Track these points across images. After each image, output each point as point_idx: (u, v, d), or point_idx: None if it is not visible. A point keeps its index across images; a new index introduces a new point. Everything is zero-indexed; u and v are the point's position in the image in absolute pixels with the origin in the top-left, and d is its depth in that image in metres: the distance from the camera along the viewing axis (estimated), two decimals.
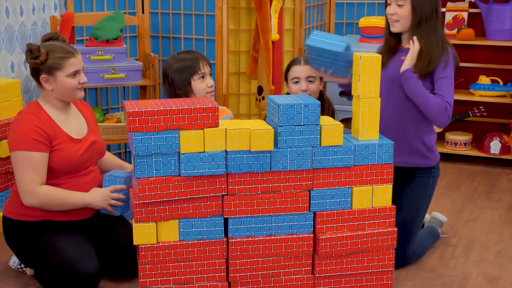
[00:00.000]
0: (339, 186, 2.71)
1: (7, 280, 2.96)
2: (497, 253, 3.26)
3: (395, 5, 2.96)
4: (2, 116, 3.44)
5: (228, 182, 2.61)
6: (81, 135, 2.89)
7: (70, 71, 2.78)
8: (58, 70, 2.77)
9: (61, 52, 2.78)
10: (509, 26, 4.51)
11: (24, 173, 2.73)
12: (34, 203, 2.75)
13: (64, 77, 2.78)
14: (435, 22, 2.97)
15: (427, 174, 3.13)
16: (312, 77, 3.20)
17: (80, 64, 2.83)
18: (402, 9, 2.95)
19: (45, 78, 2.79)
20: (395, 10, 2.96)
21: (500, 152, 4.57)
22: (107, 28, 3.86)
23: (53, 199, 2.76)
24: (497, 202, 3.96)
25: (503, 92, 4.56)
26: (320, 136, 2.65)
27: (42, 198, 2.74)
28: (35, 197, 2.74)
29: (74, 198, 2.80)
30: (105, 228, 2.95)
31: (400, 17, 2.96)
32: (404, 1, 2.94)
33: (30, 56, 2.76)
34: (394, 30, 3.01)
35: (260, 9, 4.23)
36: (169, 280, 2.65)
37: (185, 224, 2.62)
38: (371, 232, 2.77)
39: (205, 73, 3.13)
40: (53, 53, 2.77)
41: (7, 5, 3.70)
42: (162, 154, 2.53)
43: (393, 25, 2.99)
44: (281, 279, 2.74)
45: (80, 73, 2.83)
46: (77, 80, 2.81)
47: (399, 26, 2.99)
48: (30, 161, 2.72)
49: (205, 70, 3.13)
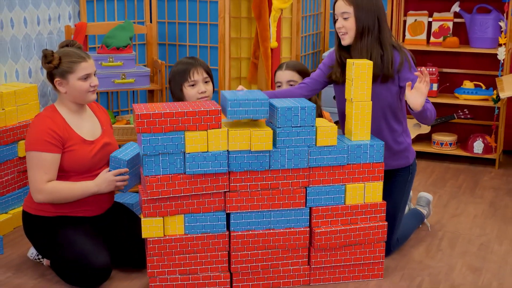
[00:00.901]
0: (333, 183, 2.71)
1: (25, 270, 2.95)
2: (480, 246, 3.26)
3: (341, 18, 2.91)
4: (20, 118, 3.44)
5: (230, 179, 2.61)
6: (94, 137, 2.88)
7: (81, 74, 2.78)
8: (70, 73, 2.77)
9: (73, 57, 2.77)
10: (491, 34, 4.51)
11: (35, 172, 2.72)
12: (43, 199, 2.74)
13: (75, 80, 2.77)
14: (378, 31, 2.90)
15: (406, 171, 3.10)
16: (293, 81, 3.18)
17: (91, 68, 2.82)
18: (348, 21, 2.90)
19: (59, 81, 2.78)
20: (342, 24, 2.91)
21: (483, 152, 4.57)
22: (117, 36, 3.86)
23: (59, 192, 2.73)
24: (480, 198, 3.96)
25: (485, 96, 4.55)
26: (315, 136, 2.65)
27: (49, 194, 2.73)
28: (43, 193, 2.73)
29: (79, 188, 2.76)
30: (117, 223, 2.94)
31: (348, 29, 2.90)
32: (349, 14, 2.89)
33: (45, 60, 2.76)
34: (345, 43, 2.93)
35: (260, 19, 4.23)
36: (175, 271, 2.64)
37: (190, 218, 2.61)
38: (363, 226, 2.76)
39: (195, 81, 2.98)
40: (66, 58, 2.77)
41: (25, 16, 3.69)
42: (168, 153, 2.53)
43: (343, 38, 2.92)
44: (279, 269, 2.74)
45: (92, 76, 2.82)
46: (89, 83, 2.80)
47: (348, 38, 2.92)
48: (41, 161, 2.72)
49: (196, 78, 2.98)
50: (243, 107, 2.54)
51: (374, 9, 2.88)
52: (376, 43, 2.89)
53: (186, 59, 3.08)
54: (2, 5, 3.52)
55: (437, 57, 4.81)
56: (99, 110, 3.01)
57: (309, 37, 4.86)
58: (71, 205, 2.82)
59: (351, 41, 2.91)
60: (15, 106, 3.41)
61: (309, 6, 4.80)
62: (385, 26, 2.92)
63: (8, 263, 3.03)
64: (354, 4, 2.87)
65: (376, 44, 2.88)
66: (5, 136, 3.32)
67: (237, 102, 2.53)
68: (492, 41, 4.51)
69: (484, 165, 4.58)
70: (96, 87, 2.84)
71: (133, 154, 2.83)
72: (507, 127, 4.69)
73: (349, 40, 2.91)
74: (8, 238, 3.28)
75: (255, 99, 2.54)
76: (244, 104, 2.54)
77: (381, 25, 2.90)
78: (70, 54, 2.78)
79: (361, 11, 2.86)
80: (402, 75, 2.91)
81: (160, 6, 4.45)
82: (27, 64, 3.75)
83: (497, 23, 4.47)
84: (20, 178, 3.46)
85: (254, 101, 2.54)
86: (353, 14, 2.87)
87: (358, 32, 2.88)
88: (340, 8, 2.89)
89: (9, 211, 3.41)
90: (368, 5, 2.87)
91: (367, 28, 2.87)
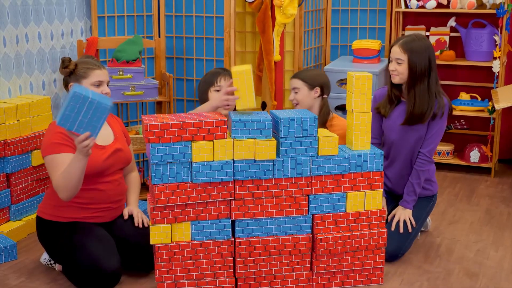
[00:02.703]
0: (335, 191, 2.70)
1: (38, 275, 2.95)
2: (477, 252, 3.24)
3: (396, 63, 3.09)
4: (34, 129, 3.45)
5: (235, 188, 2.60)
6: (106, 143, 2.88)
7: (94, 80, 2.80)
8: (84, 78, 2.80)
9: (88, 64, 2.83)
10: (486, 48, 4.50)
11: (53, 174, 2.71)
12: (68, 195, 2.68)
13: (88, 85, 2.79)
14: (428, 78, 3.07)
15: (428, 200, 3.27)
16: (296, 88, 3.34)
17: (104, 77, 2.84)
18: (401, 66, 3.08)
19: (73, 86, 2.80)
20: (395, 67, 3.09)
21: (479, 161, 4.55)
22: (127, 50, 3.87)
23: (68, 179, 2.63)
24: (477, 205, 3.94)
25: (481, 107, 4.55)
26: (317, 146, 2.64)
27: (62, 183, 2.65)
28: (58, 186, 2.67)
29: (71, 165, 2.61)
30: (126, 229, 2.94)
31: (399, 72, 3.09)
32: (402, 61, 3.07)
33: (62, 65, 2.82)
34: (394, 81, 3.12)
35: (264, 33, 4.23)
36: (182, 276, 2.63)
37: (196, 225, 2.61)
38: (364, 233, 2.75)
39: (221, 86, 3.20)
40: (81, 64, 2.83)
41: (39, 31, 3.71)
42: (176, 162, 2.52)
43: (394, 77, 3.11)
44: (282, 275, 2.73)
45: (104, 85, 2.84)
46: (101, 91, 2.81)
47: (398, 78, 3.11)
48: (56, 162, 2.70)
49: (222, 84, 3.20)
50: (247, 127, 2.54)
51: (426, 59, 3.06)
52: (426, 91, 3.07)
53: (216, 69, 3.34)
54: (17, 21, 3.54)
55: None
56: (112, 119, 3.01)
57: (311, 51, 4.87)
58: (83, 212, 2.82)
59: (400, 81, 3.11)
60: (29, 118, 3.41)
61: (311, 21, 4.81)
62: (433, 75, 3.10)
63: (21, 268, 3.02)
64: (409, 52, 3.05)
65: (425, 93, 3.07)
66: (20, 146, 3.33)
67: (241, 122, 2.53)
68: (487, 54, 4.51)
69: (480, 173, 4.56)
70: (108, 95, 2.84)
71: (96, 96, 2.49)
72: (502, 137, 4.68)
73: (398, 80, 3.11)
74: (21, 244, 3.28)
75: (259, 120, 2.55)
76: (248, 124, 2.54)
77: (431, 74, 3.08)
78: (86, 61, 2.86)
79: (414, 59, 3.05)
80: (431, 122, 3.12)
81: (168, 22, 4.46)
82: (40, 77, 3.76)
83: (492, 37, 4.47)
84: (34, 186, 3.47)
85: (258, 122, 2.55)
86: (407, 61, 3.06)
87: (410, 78, 3.08)
88: (396, 54, 3.10)
89: (22, 218, 3.42)
90: (421, 56, 3.05)
91: (419, 75, 3.05)
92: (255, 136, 2.55)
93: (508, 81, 4.68)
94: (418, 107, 3.06)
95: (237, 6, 4.35)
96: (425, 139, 3.14)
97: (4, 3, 3.44)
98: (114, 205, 2.89)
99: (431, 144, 3.14)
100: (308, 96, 3.33)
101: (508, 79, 4.69)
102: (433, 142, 3.14)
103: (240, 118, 2.54)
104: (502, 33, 4.36)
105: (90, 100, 2.47)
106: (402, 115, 3.13)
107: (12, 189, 3.33)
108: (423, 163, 3.14)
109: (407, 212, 3.14)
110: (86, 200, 2.82)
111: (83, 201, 2.82)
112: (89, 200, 2.82)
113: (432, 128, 3.12)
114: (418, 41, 3.07)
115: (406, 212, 3.14)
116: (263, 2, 4.23)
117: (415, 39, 3.09)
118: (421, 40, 3.09)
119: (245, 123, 2.54)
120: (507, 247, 3.30)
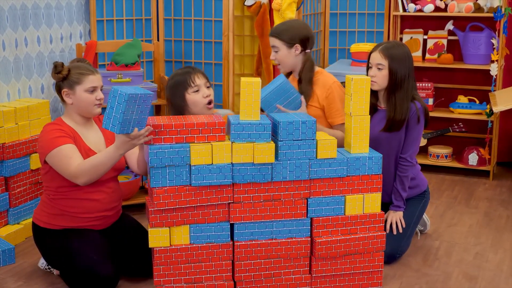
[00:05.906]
0: (333, 194, 2.69)
1: (35, 279, 2.93)
2: (475, 254, 3.23)
3: (376, 68, 3.05)
4: (33, 133, 3.43)
5: (234, 191, 2.59)
6: (98, 150, 2.84)
7: (88, 86, 2.76)
8: (78, 84, 2.76)
9: (81, 69, 2.77)
10: (483, 51, 4.50)
11: (62, 166, 2.66)
12: (85, 180, 2.64)
13: (82, 91, 2.76)
14: (408, 84, 3.04)
15: (420, 198, 3.27)
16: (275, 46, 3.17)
17: (98, 82, 2.80)
18: (381, 72, 3.04)
19: (66, 92, 2.77)
20: (375, 73, 3.04)
21: (477, 164, 4.54)
22: (126, 54, 3.86)
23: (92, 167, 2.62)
24: (475, 208, 3.93)
25: (479, 110, 4.54)
26: (316, 149, 2.63)
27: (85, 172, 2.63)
28: (80, 176, 2.64)
29: (103, 156, 2.61)
30: (124, 233, 2.91)
31: (378, 79, 3.04)
32: (383, 66, 3.03)
33: (55, 71, 2.76)
34: (373, 88, 3.05)
35: (262, 37, 4.23)
36: (181, 280, 2.61)
37: (195, 228, 2.59)
38: (363, 236, 2.73)
39: (198, 85, 2.84)
40: (75, 70, 2.77)
41: (38, 34, 3.70)
42: (175, 166, 2.51)
43: (372, 84, 3.04)
44: (281, 278, 2.71)
45: (98, 90, 2.81)
46: (94, 96, 2.79)
47: (376, 86, 3.06)
48: (62, 154, 2.66)
49: (198, 82, 2.84)
50: (245, 131, 2.53)
51: (406, 65, 3.04)
52: (404, 97, 3.04)
53: (182, 69, 2.93)
54: (17, 25, 3.53)
55: (433, 73, 4.80)
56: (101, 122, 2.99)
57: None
58: (79, 222, 2.79)
59: (378, 88, 3.08)
60: (28, 121, 3.40)
61: (310, 24, 4.80)
62: (411, 81, 3.07)
63: (19, 272, 3.00)
64: (389, 58, 3.01)
65: (404, 99, 3.04)
66: (18, 150, 3.31)
67: (240, 125, 2.52)
68: (485, 57, 4.51)
69: (478, 176, 4.55)
70: (102, 101, 2.82)
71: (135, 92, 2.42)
72: (500, 140, 4.67)
73: (377, 87, 3.07)
74: (19, 248, 3.26)
75: (257, 123, 2.53)
76: (246, 127, 2.52)
77: (409, 80, 3.05)
78: (79, 66, 2.79)
79: (395, 65, 3.02)
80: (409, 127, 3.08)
81: (167, 25, 4.46)
82: (39, 81, 3.75)
83: (489, 40, 4.46)
84: (32, 190, 3.45)
85: (256, 126, 2.53)
86: (387, 66, 3.02)
87: (390, 84, 3.04)
88: (376, 59, 3.05)
89: (21, 221, 3.40)
90: (401, 62, 3.02)
91: (400, 81, 3.02)
92: (254, 140, 2.54)
93: (506, 84, 4.68)
94: (399, 114, 3.03)
95: (236, 10, 4.35)
96: (405, 144, 3.11)
97: (4, 7, 3.43)
98: (109, 212, 2.87)
99: (411, 149, 3.11)
100: (288, 56, 3.13)
101: (506, 82, 4.69)
102: (414, 146, 3.12)
103: (239, 122, 2.53)
104: (499, 36, 4.36)
105: (140, 96, 2.41)
106: (380, 122, 3.10)
107: (11, 193, 3.31)
108: (406, 168, 3.12)
109: (397, 214, 3.14)
110: (80, 210, 2.79)
111: (77, 210, 2.78)
112: (84, 210, 2.79)
113: (411, 133, 3.09)
114: (398, 47, 3.05)
115: (396, 214, 3.14)
116: (262, 5, 4.22)
117: (395, 46, 3.07)
118: (401, 46, 3.07)
119: (244, 126, 2.52)
120: (506, 250, 3.28)
